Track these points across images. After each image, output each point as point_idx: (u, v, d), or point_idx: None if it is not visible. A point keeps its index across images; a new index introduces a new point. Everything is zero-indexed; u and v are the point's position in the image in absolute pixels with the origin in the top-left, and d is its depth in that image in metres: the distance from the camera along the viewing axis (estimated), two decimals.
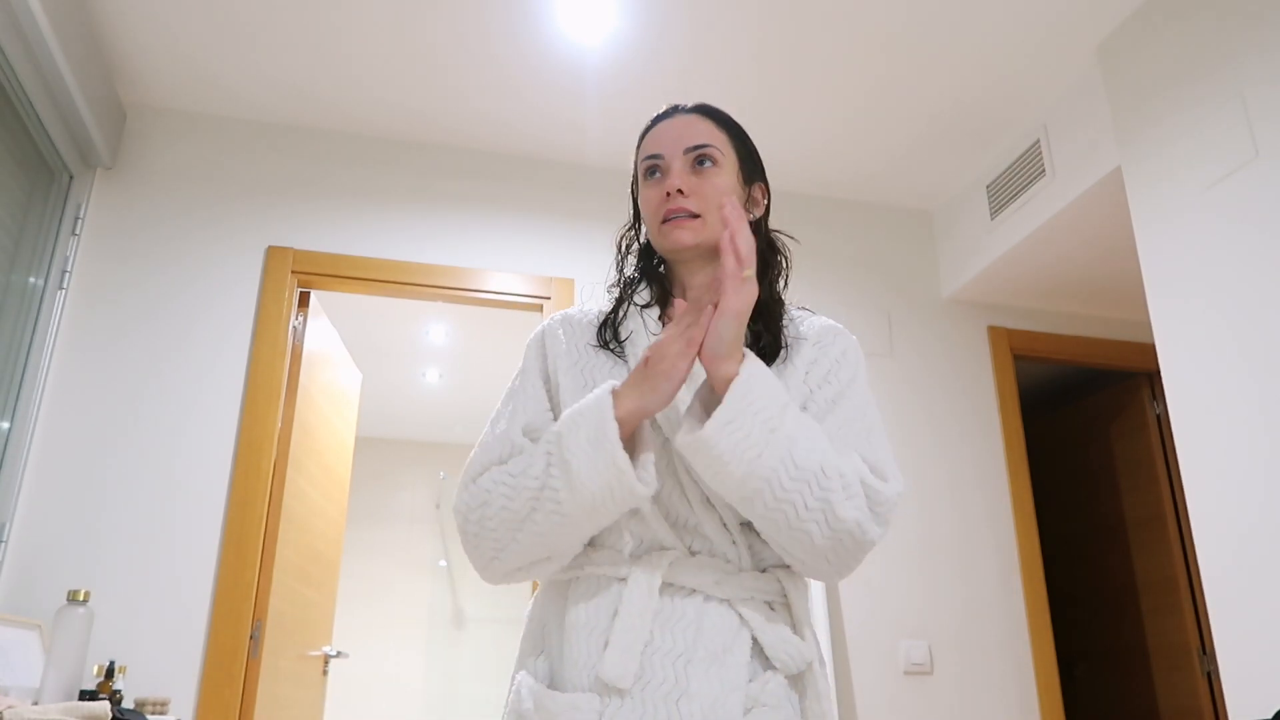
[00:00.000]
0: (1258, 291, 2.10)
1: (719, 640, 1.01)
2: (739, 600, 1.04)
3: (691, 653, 0.99)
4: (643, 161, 1.21)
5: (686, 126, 1.20)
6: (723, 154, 1.19)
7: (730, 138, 1.22)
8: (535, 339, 1.22)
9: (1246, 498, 2.08)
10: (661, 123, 1.23)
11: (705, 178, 1.16)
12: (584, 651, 1.01)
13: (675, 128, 1.20)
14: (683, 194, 1.15)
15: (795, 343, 1.16)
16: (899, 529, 3.10)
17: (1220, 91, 2.24)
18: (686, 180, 1.16)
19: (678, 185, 1.15)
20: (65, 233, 2.70)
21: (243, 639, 2.53)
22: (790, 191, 3.46)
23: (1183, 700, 3.42)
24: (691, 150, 1.17)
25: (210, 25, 2.63)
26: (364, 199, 3.06)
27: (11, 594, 2.41)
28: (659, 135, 1.21)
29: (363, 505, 6.04)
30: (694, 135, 1.19)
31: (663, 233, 1.16)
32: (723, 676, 0.99)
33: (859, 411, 1.10)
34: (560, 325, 1.22)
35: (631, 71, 2.81)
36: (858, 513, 0.99)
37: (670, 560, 1.04)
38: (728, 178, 1.19)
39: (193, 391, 2.72)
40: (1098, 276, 3.27)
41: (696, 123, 1.21)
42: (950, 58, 2.74)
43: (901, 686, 2.93)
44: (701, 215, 1.14)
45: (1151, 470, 3.68)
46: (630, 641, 0.99)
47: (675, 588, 1.03)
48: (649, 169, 1.20)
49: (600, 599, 1.03)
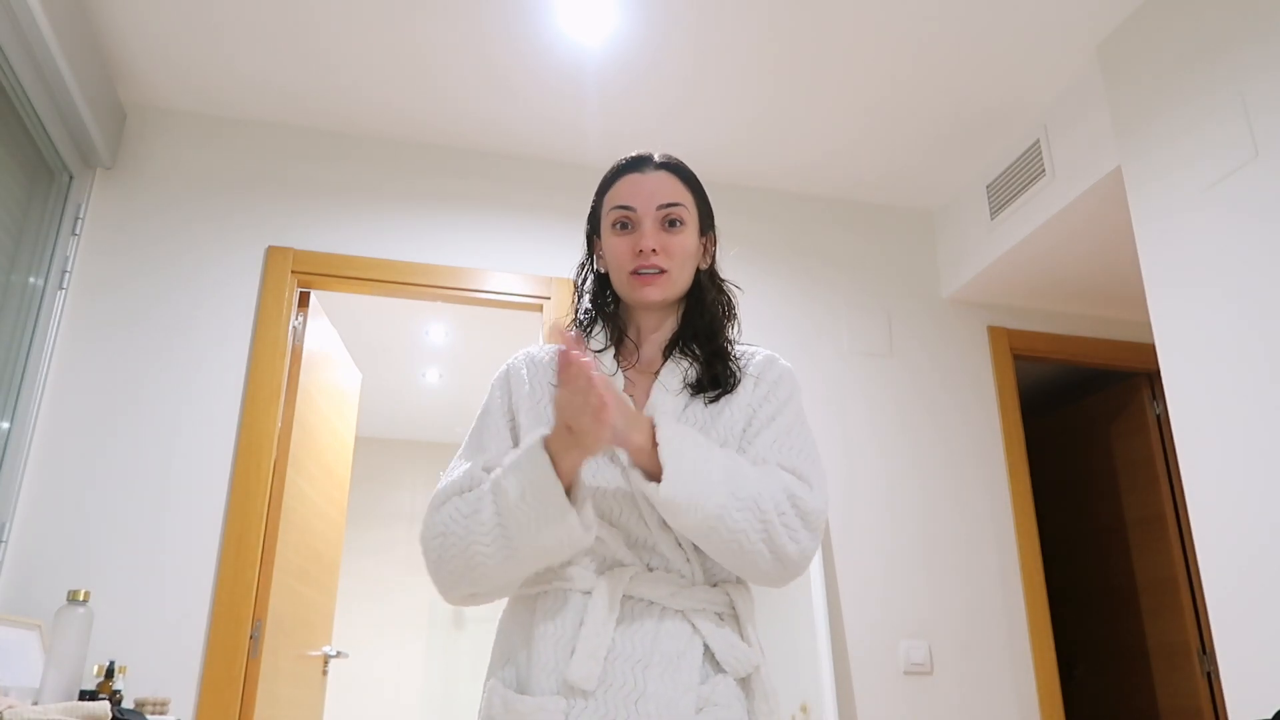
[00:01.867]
0: (1258, 291, 2.09)
1: (674, 647, 1.11)
2: (692, 611, 1.15)
3: (649, 658, 1.10)
4: (612, 210, 1.28)
5: (659, 184, 1.28)
6: (689, 213, 1.28)
7: (694, 195, 1.31)
8: (500, 377, 1.30)
9: (1246, 498, 2.08)
10: (632, 174, 1.30)
11: (674, 236, 1.26)
12: (551, 658, 1.10)
13: (648, 184, 1.27)
14: (655, 253, 1.23)
15: (743, 378, 1.26)
16: (899, 529, 3.10)
17: (1220, 91, 2.24)
18: (658, 238, 1.25)
19: (651, 244, 1.23)
20: (65, 232, 2.70)
21: (243, 639, 2.53)
22: (790, 192, 3.46)
23: (1183, 700, 3.42)
24: (664, 208, 1.26)
25: (210, 26, 2.63)
26: (364, 199, 3.06)
27: (11, 594, 2.41)
28: (631, 188, 1.28)
29: (362, 505, 6.03)
30: (666, 193, 1.27)
31: (632, 285, 1.25)
32: (677, 679, 1.09)
33: (791, 427, 1.22)
34: (524, 364, 1.30)
35: (632, 72, 2.81)
36: (794, 543, 1.11)
37: (630, 575, 1.14)
38: (692, 236, 1.28)
39: (193, 391, 2.72)
40: (1098, 276, 3.27)
41: (667, 181, 1.29)
42: (950, 58, 2.74)
43: (901, 686, 2.93)
44: (668, 271, 1.24)
45: (1151, 470, 3.68)
46: (595, 647, 1.08)
47: (635, 600, 1.14)
48: (619, 220, 1.27)
49: (566, 611, 1.13)
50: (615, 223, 1.28)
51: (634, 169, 1.30)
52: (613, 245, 1.28)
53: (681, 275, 1.27)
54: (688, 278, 1.29)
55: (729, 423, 1.21)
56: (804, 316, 3.30)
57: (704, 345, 1.27)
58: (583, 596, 1.13)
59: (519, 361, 1.31)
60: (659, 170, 1.29)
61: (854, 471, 3.14)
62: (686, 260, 1.27)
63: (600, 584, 1.13)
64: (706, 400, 1.23)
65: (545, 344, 1.36)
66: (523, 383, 1.27)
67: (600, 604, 1.11)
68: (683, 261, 1.26)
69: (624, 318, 1.32)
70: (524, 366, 1.30)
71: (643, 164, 1.30)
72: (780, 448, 1.19)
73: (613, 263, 1.28)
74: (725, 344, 1.29)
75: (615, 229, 1.28)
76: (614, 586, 1.12)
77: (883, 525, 3.10)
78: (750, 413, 1.23)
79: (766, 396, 1.24)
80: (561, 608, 1.13)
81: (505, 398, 1.27)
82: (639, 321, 1.31)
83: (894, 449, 3.21)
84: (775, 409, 1.23)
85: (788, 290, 3.32)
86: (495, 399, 1.28)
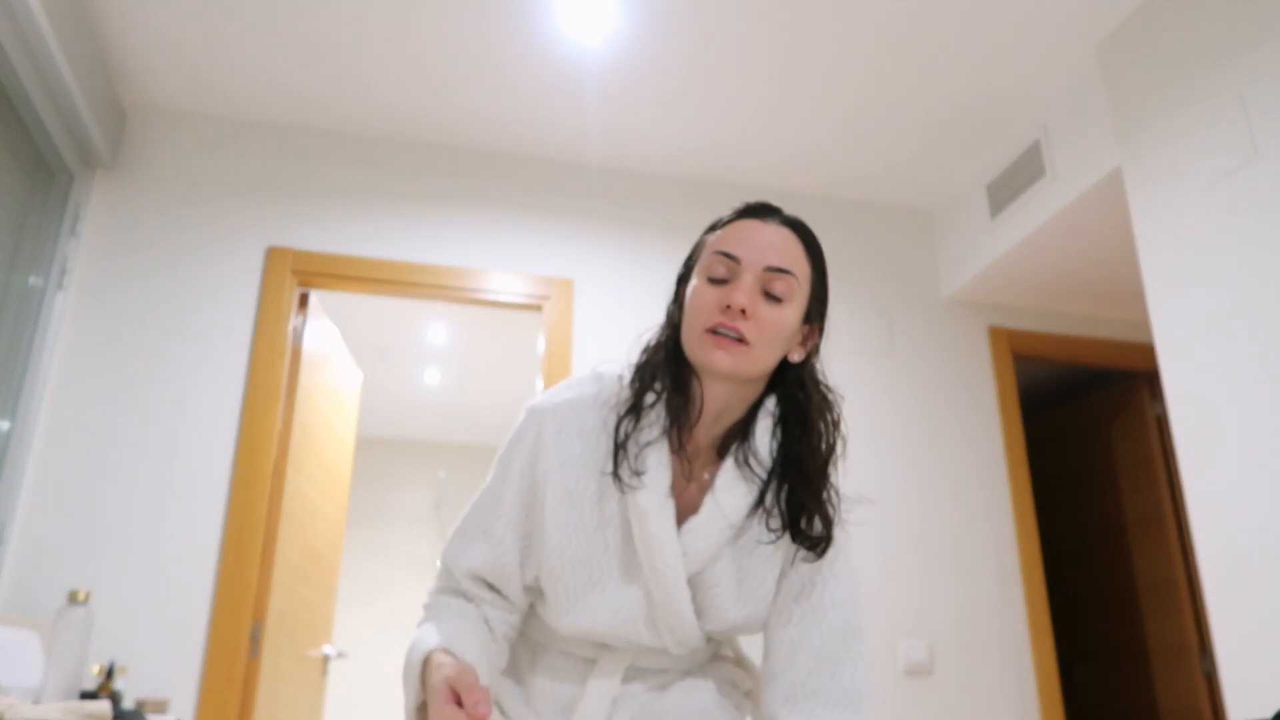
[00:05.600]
0: (1258, 291, 2.09)
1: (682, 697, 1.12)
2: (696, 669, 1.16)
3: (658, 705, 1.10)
4: (712, 254, 1.07)
5: (775, 240, 1.07)
6: (799, 287, 1.07)
7: (813, 270, 1.10)
8: (528, 449, 1.10)
9: (1246, 498, 2.08)
10: (748, 222, 1.09)
11: (772, 308, 1.05)
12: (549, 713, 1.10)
13: (763, 236, 1.07)
14: (745, 315, 1.03)
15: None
16: (899, 529, 3.10)
17: (1220, 91, 2.24)
18: (754, 301, 1.04)
19: (743, 303, 1.02)
20: (65, 232, 2.70)
21: (243, 639, 2.53)
22: (790, 192, 3.46)
23: (1183, 700, 3.42)
24: (772, 271, 1.05)
25: (210, 26, 2.63)
26: (364, 199, 3.06)
27: (11, 594, 2.41)
28: (742, 236, 1.07)
29: (363, 505, 6.03)
30: (781, 256, 1.06)
31: (703, 343, 1.04)
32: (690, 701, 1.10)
33: (847, 630, 1.09)
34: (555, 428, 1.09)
35: (633, 72, 2.81)
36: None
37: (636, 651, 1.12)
38: (794, 315, 1.07)
39: (193, 391, 2.72)
40: (1098, 276, 3.27)
41: (787, 241, 1.08)
42: (950, 58, 2.74)
43: (901, 686, 2.93)
44: (751, 345, 1.03)
45: (1151, 470, 3.68)
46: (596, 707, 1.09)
47: (640, 669, 1.13)
48: (716, 268, 1.06)
49: (568, 676, 1.12)
50: (712, 265, 1.06)
51: (753, 215, 1.10)
52: (699, 293, 1.06)
53: (766, 355, 1.05)
54: (771, 361, 1.07)
55: (767, 576, 1.08)
56: None
57: (806, 471, 1.07)
58: (586, 663, 1.12)
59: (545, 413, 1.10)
60: (783, 227, 1.09)
61: (853, 471, 3.12)
62: (778, 340, 1.05)
63: (604, 658, 1.11)
64: (766, 541, 1.07)
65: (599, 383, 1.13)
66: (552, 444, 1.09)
67: (605, 669, 1.10)
68: (773, 339, 1.05)
69: (689, 388, 1.08)
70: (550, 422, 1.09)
71: (765, 214, 1.10)
72: (819, 675, 1.05)
73: (691, 313, 1.06)
74: (818, 473, 1.08)
75: (708, 274, 1.06)
76: (617, 662, 1.11)
77: (882, 526, 3.10)
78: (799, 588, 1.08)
79: (819, 573, 1.09)
80: (563, 671, 1.12)
81: (531, 460, 1.09)
82: (702, 390, 1.08)
83: (894, 449, 3.21)
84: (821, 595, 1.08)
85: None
86: (516, 464, 1.10)
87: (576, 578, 1.07)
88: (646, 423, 1.07)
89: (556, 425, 1.09)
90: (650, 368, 1.10)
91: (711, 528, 1.05)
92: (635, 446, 1.05)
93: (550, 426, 1.09)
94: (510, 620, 1.14)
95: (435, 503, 6.31)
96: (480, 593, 1.13)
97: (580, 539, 1.07)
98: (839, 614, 1.08)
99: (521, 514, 1.09)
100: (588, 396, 1.11)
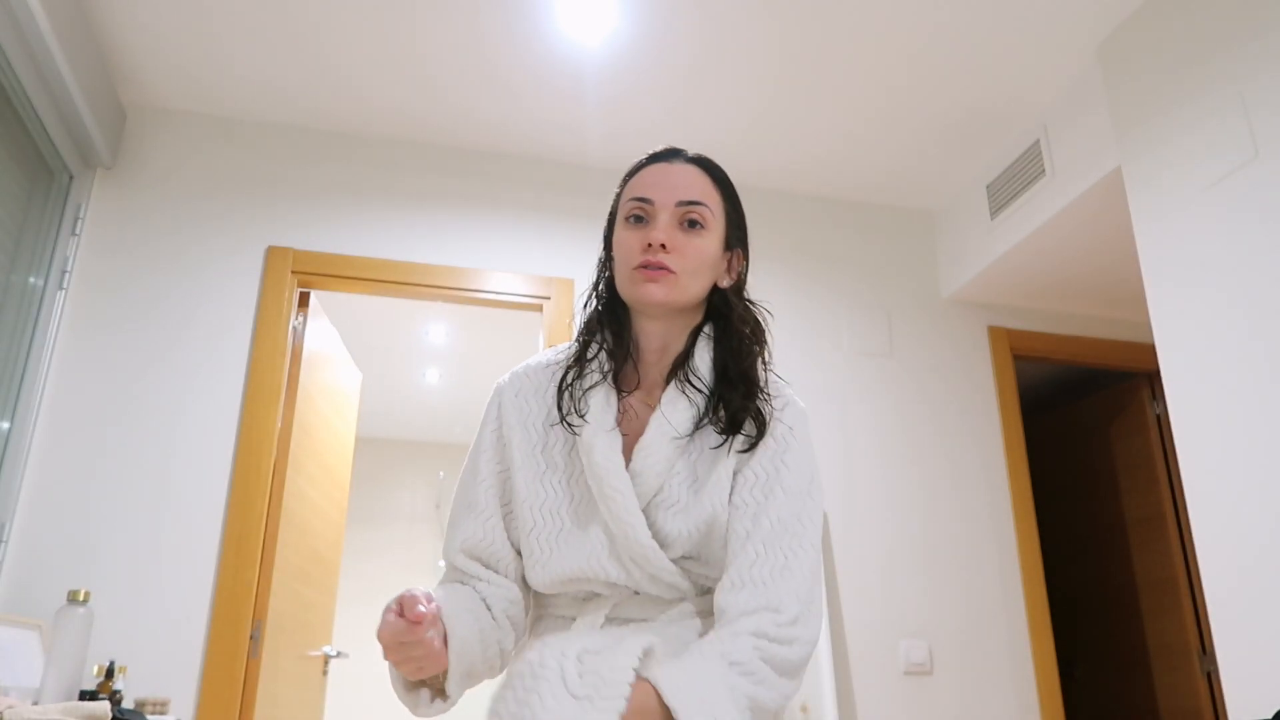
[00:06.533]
0: (1258, 291, 2.09)
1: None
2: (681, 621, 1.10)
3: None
4: (629, 202, 1.16)
5: (683, 177, 1.16)
6: (713, 215, 1.15)
7: (724, 198, 1.18)
8: (490, 404, 1.21)
9: (1246, 498, 2.08)
10: (657, 165, 1.18)
11: (692, 236, 1.12)
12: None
13: (671, 176, 1.15)
14: (665, 249, 1.10)
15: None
16: (899, 529, 3.10)
17: (1220, 91, 2.24)
18: (672, 235, 1.12)
19: (661, 239, 1.10)
20: (65, 232, 2.70)
21: (243, 639, 2.53)
22: (791, 192, 3.46)
23: (1183, 700, 3.42)
24: (684, 205, 1.13)
25: (210, 26, 2.63)
26: (364, 199, 3.06)
27: (11, 594, 2.41)
28: (652, 179, 1.16)
29: (363, 505, 6.03)
30: (690, 189, 1.14)
31: (633, 280, 1.12)
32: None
33: (786, 525, 1.07)
34: (509, 386, 1.20)
35: (632, 72, 2.81)
36: (782, 694, 1.01)
37: (614, 600, 1.10)
38: (713, 242, 1.15)
39: (193, 391, 2.72)
40: (1098, 276, 3.27)
41: (694, 176, 1.16)
42: (951, 59, 2.74)
43: (901, 686, 2.93)
44: (678, 274, 1.11)
45: (1151, 470, 3.68)
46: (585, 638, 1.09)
47: (619, 620, 1.10)
48: (634, 212, 1.15)
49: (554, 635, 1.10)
50: (630, 215, 1.15)
51: (661, 160, 1.18)
52: (622, 239, 1.15)
53: (693, 282, 1.12)
54: (700, 288, 1.14)
55: (722, 476, 1.09)
56: (804, 316, 3.30)
57: (732, 376, 1.12)
58: (569, 621, 1.13)
59: (505, 384, 1.22)
60: (688, 165, 1.17)
61: (854, 472, 3.14)
62: (702, 267, 1.13)
63: (586, 610, 1.12)
64: (715, 445, 1.10)
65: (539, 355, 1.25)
66: (511, 406, 1.18)
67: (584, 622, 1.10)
68: (696, 267, 1.12)
69: (629, 331, 1.18)
70: (509, 389, 1.20)
71: (672, 156, 1.18)
72: (764, 565, 1.03)
73: (619, 258, 1.15)
74: (750, 377, 1.13)
75: (629, 221, 1.15)
76: (596, 614, 1.10)
77: (883, 525, 3.10)
78: (752, 480, 1.09)
79: (772, 464, 1.10)
80: (550, 630, 1.13)
81: (496, 429, 1.18)
82: (641, 334, 1.17)
83: (894, 449, 3.20)
84: (771, 484, 1.09)
85: (788, 290, 3.32)
86: (485, 436, 1.19)
87: (547, 527, 1.12)
88: (590, 370, 1.15)
89: (514, 390, 1.20)
90: (590, 320, 1.19)
91: (659, 442, 1.10)
92: (579, 391, 1.14)
93: (509, 393, 1.20)
94: (510, 596, 1.14)
95: (435, 503, 6.31)
96: (477, 571, 1.15)
97: (545, 488, 1.13)
98: (790, 502, 1.08)
99: (497, 479, 1.17)
100: (543, 361, 1.22)
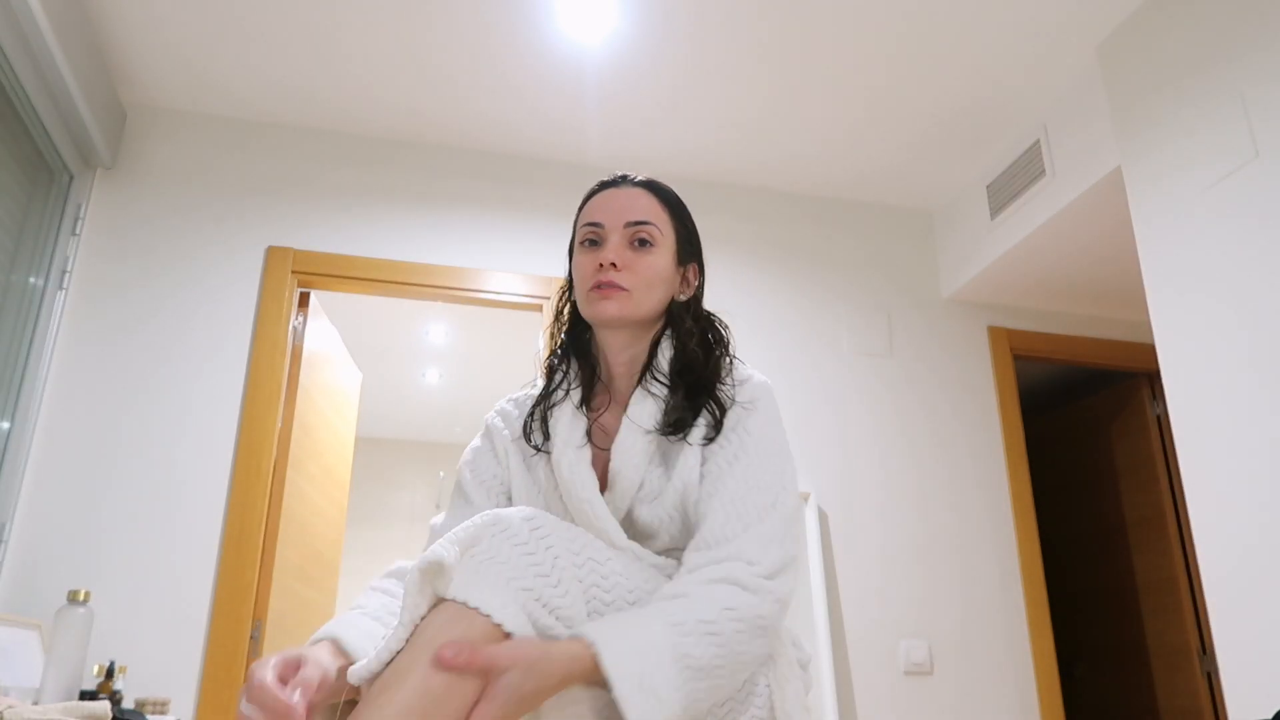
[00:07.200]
0: (1258, 291, 2.09)
1: None
2: None
3: None
4: (582, 228, 1.23)
5: (630, 200, 1.22)
6: (662, 234, 1.21)
7: (672, 217, 1.24)
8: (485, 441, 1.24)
9: (1246, 498, 2.08)
10: (606, 191, 1.25)
11: (641, 255, 1.19)
12: None
13: (619, 199, 1.22)
14: (615, 267, 1.17)
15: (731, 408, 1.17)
16: (899, 529, 3.10)
17: (1220, 91, 2.24)
18: (622, 254, 1.18)
19: (612, 258, 1.17)
20: (65, 233, 2.70)
21: (243, 639, 2.53)
22: (790, 192, 3.46)
23: (1183, 700, 3.42)
24: (632, 225, 1.20)
25: (210, 25, 2.63)
26: (364, 199, 3.06)
27: (11, 594, 2.41)
28: (602, 204, 1.23)
29: (363, 505, 6.03)
30: (636, 210, 1.21)
31: (590, 300, 1.18)
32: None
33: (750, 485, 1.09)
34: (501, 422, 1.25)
35: (632, 72, 2.81)
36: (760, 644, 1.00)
37: None
38: (663, 258, 1.21)
39: (193, 391, 2.72)
40: (1098, 276, 3.27)
41: (640, 198, 1.23)
42: (950, 58, 2.74)
43: (901, 686, 2.93)
44: (630, 290, 1.17)
45: (1151, 470, 3.68)
46: None
47: None
48: (587, 237, 1.21)
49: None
50: (584, 240, 1.22)
51: (610, 186, 1.25)
52: (578, 263, 1.21)
53: (646, 298, 1.18)
54: (655, 302, 1.20)
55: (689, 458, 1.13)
56: (803, 317, 3.30)
57: (693, 372, 1.17)
58: None
59: (491, 416, 1.27)
60: (635, 188, 1.24)
61: (854, 471, 3.14)
62: (654, 283, 1.19)
63: None
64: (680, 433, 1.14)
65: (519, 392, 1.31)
66: (500, 435, 1.24)
67: None
68: (649, 282, 1.18)
69: (596, 351, 1.25)
70: (496, 418, 1.26)
71: (620, 181, 1.25)
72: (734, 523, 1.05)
73: (577, 281, 1.21)
74: (709, 374, 1.18)
75: (583, 246, 1.21)
76: None
77: (883, 525, 3.10)
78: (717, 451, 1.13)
79: (734, 434, 1.13)
80: None
81: (491, 448, 1.24)
82: (608, 350, 1.23)
83: (894, 449, 3.20)
84: (736, 451, 1.12)
85: (787, 290, 3.32)
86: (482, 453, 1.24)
87: None
88: (560, 391, 1.22)
89: (502, 418, 1.26)
90: (558, 347, 1.27)
91: (631, 440, 1.14)
92: (545, 412, 1.21)
93: (498, 421, 1.26)
94: None
95: (435, 503, 6.31)
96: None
97: (534, 503, 1.18)
98: (756, 462, 1.11)
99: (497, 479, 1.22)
100: (526, 392, 1.29)
